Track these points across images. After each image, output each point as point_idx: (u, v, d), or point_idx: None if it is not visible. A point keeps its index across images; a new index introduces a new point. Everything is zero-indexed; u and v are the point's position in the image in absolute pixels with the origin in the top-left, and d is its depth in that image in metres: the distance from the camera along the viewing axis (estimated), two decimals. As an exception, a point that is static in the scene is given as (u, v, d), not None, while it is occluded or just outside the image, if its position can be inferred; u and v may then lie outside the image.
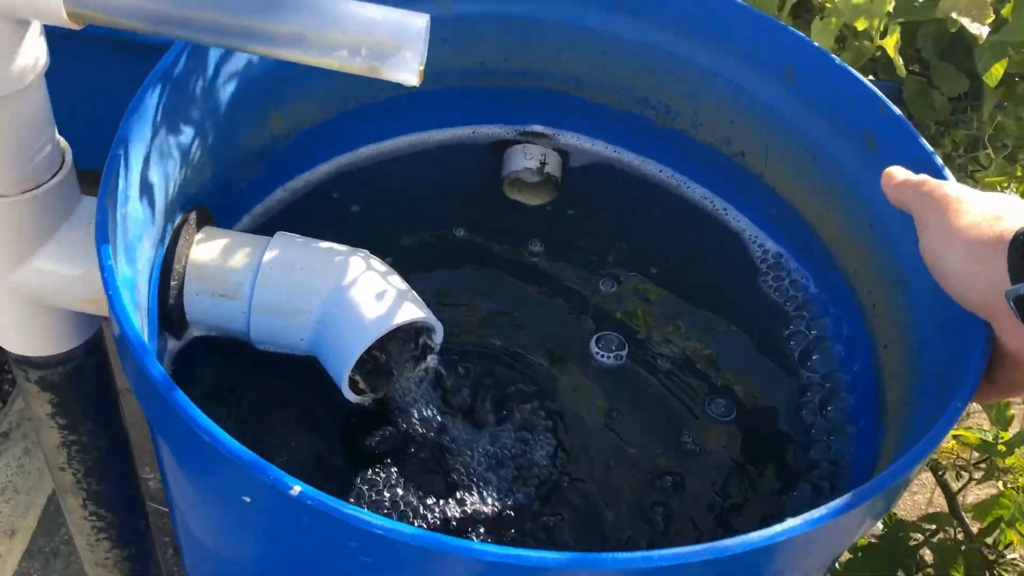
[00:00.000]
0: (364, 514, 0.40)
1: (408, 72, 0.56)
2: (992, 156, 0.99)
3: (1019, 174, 0.96)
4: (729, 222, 0.92)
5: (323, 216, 0.88)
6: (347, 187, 0.91)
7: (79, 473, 0.88)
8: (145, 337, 0.53)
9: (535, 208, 0.95)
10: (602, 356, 0.82)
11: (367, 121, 0.92)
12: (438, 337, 0.72)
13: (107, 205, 0.55)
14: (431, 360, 0.73)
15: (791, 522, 0.45)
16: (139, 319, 0.55)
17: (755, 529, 0.44)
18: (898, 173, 0.64)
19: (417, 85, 0.56)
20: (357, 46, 0.55)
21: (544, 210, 0.95)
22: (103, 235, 0.53)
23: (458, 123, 0.97)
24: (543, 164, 0.95)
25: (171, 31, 0.57)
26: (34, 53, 0.59)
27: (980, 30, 0.77)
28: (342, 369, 0.67)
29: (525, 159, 0.95)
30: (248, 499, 0.43)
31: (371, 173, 0.93)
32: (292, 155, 0.86)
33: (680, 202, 0.94)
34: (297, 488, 0.41)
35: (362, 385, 0.71)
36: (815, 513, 0.46)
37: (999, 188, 0.99)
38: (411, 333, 0.72)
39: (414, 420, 0.72)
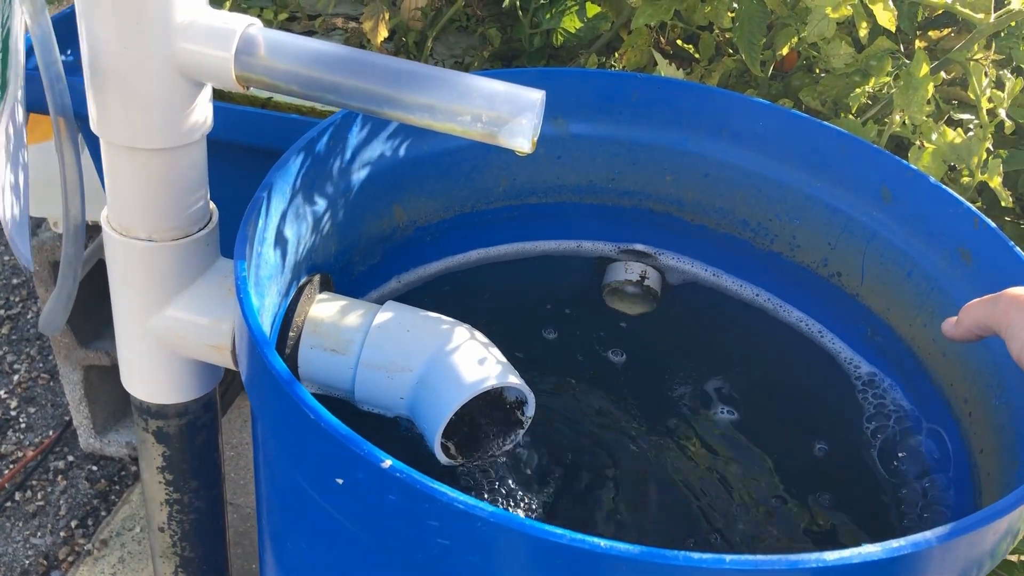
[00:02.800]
0: (447, 489, 0.42)
1: (522, 139, 0.62)
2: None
3: None
4: (825, 344, 0.93)
5: (431, 307, 0.94)
6: (456, 285, 0.97)
7: (176, 536, 0.92)
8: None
9: (631, 318, 0.98)
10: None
11: (480, 227, 0.99)
12: (530, 410, 0.75)
13: (247, 233, 0.61)
14: (520, 435, 0.76)
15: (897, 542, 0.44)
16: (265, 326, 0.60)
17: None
18: (959, 314, 0.63)
19: (530, 151, 0.62)
20: (479, 114, 0.62)
21: (641, 322, 0.98)
22: (241, 254, 0.59)
23: (564, 236, 1.03)
24: (643, 278, 0.99)
25: (323, 96, 0.65)
26: (204, 113, 0.69)
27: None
28: (436, 424, 0.70)
29: (626, 273, 0.99)
30: (341, 480, 0.46)
31: (479, 275, 0.99)
32: (409, 247, 0.93)
33: (776, 324, 0.96)
34: (388, 461, 0.43)
35: (453, 451, 0.74)
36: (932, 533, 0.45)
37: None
38: (504, 405, 0.75)
39: (498, 491, 0.74)
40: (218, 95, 1.04)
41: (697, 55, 1.16)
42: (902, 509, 0.79)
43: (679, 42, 1.20)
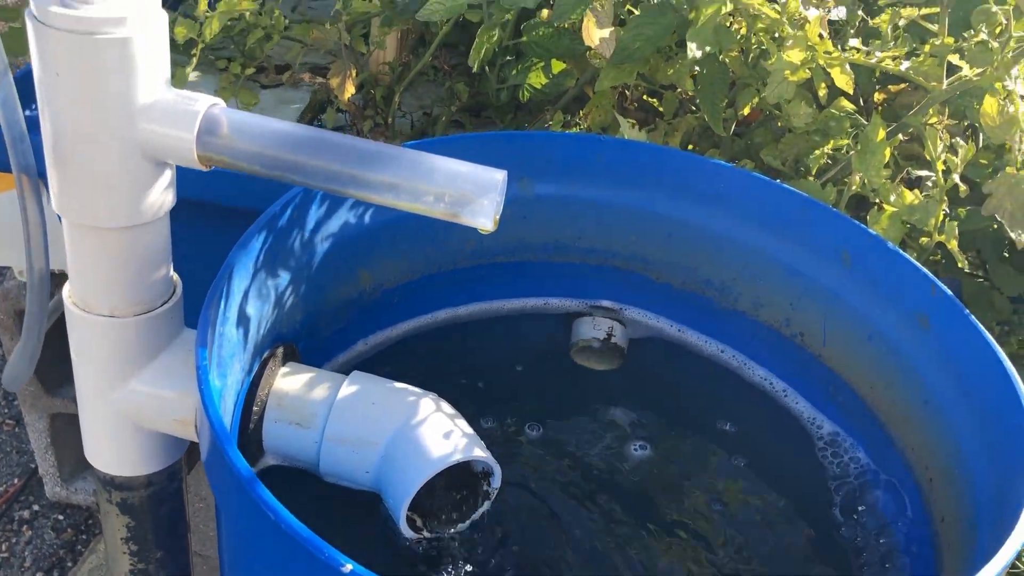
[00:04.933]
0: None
1: (484, 218, 0.63)
2: (1059, 358, 1.00)
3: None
4: (788, 403, 0.94)
5: (399, 370, 0.94)
6: (424, 346, 0.97)
7: (140, 605, 0.90)
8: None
9: (599, 374, 0.98)
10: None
11: (447, 287, 0.99)
12: (496, 481, 0.75)
13: (209, 319, 0.61)
14: (487, 505, 0.76)
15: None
16: (225, 418, 0.60)
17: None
18: None
19: (492, 230, 0.62)
20: (442, 194, 0.63)
21: (607, 377, 0.98)
22: (203, 341, 0.59)
23: (531, 294, 1.03)
24: (610, 335, 0.99)
25: (284, 176, 0.65)
26: (167, 191, 0.68)
27: (1020, 236, 0.81)
28: (402, 500, 0.70)
29: (593, 329, 1.00)
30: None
31: (447, 335, 0.99)
32: (376, 310, 0.93)
33: (740, 381, 0.97)
34: (349, 566, 0.43)
35: (419, 523, 0.74)
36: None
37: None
38: (471, 476, 0.75)
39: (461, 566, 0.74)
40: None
41: (661, 109, 1.17)
42: (863, 572, 0.79)
43: (644, 96, 1.22)
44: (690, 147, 1.16)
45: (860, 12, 1.01)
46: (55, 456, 1.54)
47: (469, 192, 0.63)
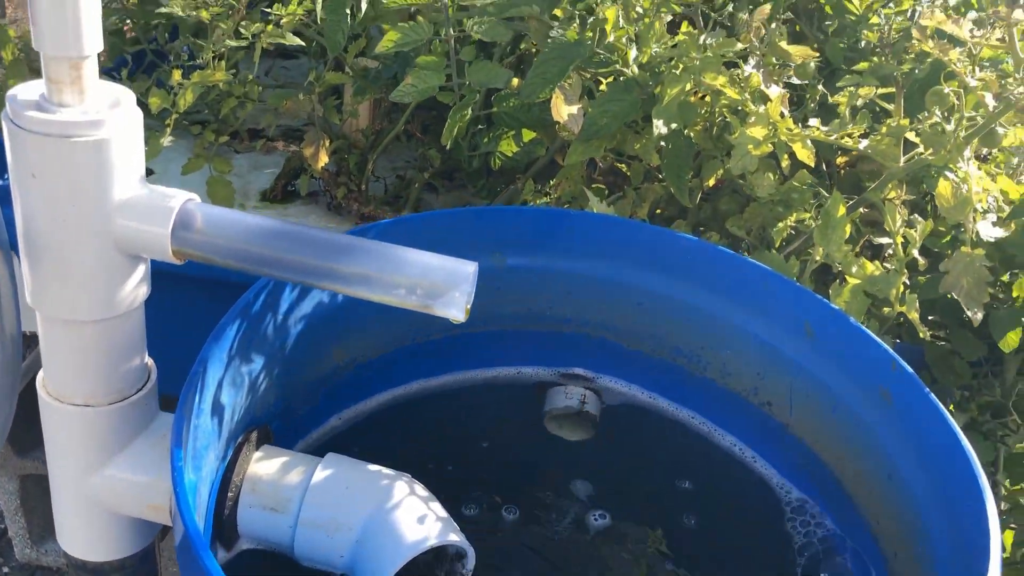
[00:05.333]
0: None
1: (456, 309, 0.64)
2: (1019, 422, 1.02)
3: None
4: (757, 469, 0.96)
5: (374, 444, 0.95)
6: (398, 418, 0.98)
7: None
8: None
9: (573, 444, 1.00)
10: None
11: (420, 358, 1.00)
12: (470, 563, 0.76)
13: (184, 415, 0.62)
14: (462, 586, 0.76)
15: None
16: (199, 519, 0.60)
17: None
18: None
19: (463, 320, 0.64)
20: (414, 286, 0.64)
21: (581, 447, 1.00)
22: (178, 440, 0.60)
23: (504, 363, 1.04)
24: (583, 404, 1.01)
25: (258, 269, 0.66)
26: (140, 284, 0.69)
27: (976, 314, 0.84)
28: (377, 586, 0.71)
29: (566, 398, 1.01)
30: None
31: (421, 406, 1.00)
32: (349, 385, 0.94)
33: (711, 447, 0.99)
34: None
35: (395, 606, 0.74)
36: None
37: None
38: (445, 559, 0.76)
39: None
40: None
41: (629, 173, 1.20)
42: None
43: (613, 163, 1.24)
44: (658, 211, 1.19)
45: (820, 87, 1.04)
46: (24, 518, 1.52)
47: (441, 284, 0.64)
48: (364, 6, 1.02)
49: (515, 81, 1.20)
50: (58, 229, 0.64)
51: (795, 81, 1.10)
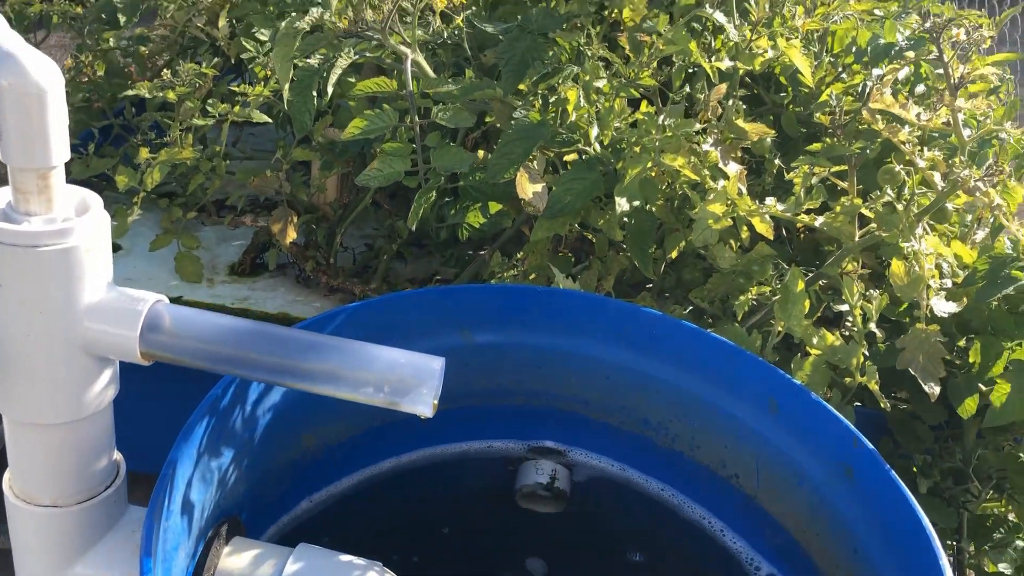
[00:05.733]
0: None
1: (424, 406, 0.65)
2: (980, 487, 1.04)
3: (1011, 515, 1.00)
4: (726, 542, 0.96)
5: (346, 525, 0.94)
6: (368, 498, 0.98)
7: None
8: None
9: (544, 518, 1.00)
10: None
11: (390, 437, 1.00)
12: (442, 651, 0.76)
13: (153, 520, 0.62)
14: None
15: None
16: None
17: None
18: None
19: (431, 416, 0.65)
20: (381, 384, 0.65)
21: (552, 520, 1.00)
22: (147, 548, 0.60)
23: (474, 437, 1.05)
24: (553, 479, 1.01)
25: (227, 370, 0.67)
26: (109, 386, 0.70)
27: (933, 389, 0.86)
28: None
29: (536, 474, 1.02)
30: None
31: (392, 485, 1.00)
32: (319, 468, 0.94)
33: (680, 520, 0.99)
34: None
35: None
36: None
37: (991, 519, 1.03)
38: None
39: None
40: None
41: (595, 242, 1.22)
42: None
43: (579, 232, 1.27)
44: (624, 277, 1.21)
45: (777, 160, 1.07)
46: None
47: (408, 380, 0.65)
48: (331, 90, 1.04)
49: (480, 153, 1.22)
50: (25, 335, 0.65)
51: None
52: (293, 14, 0.98)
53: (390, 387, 0.65)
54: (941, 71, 0.88)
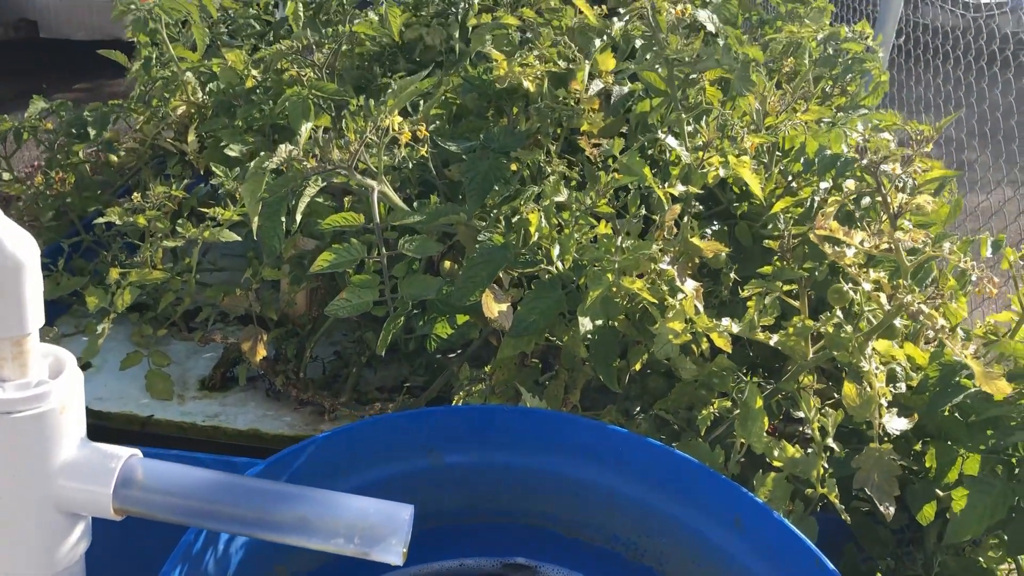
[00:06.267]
0: None
1: (394, 555, 0.67)
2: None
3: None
4: (700, 656, 0.97)
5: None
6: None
7: None
8: None
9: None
10: None
11: (363, 562, 1.00)
12: None
13: None
14: None
15: None
16: None
17: None
18: None
19: (401, 565, 0.66)
20: (352, 534, 0.67)
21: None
22: None
23: (447, 557, 1.06)
24: (525, 599, 1.02)
25: (199, 523, 0.68)
26: (81, 539, 0.70)
27: (888, 509, 0.88)
28: None
29: (508, 594, 1.03)
30: None
31: (365, 609, 1.00)
32: (292, 598, 0.94)
33: (653, 635, 1.00)
34: None
35: None
36: None
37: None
38: None
39: None
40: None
41: (561, 354, 1.24)
42: None
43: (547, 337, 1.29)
44: (591, 385, 1.23)
45: (732, 274, 1.11)
46: None
47: (377, 529, 0.67)
48: (299, 217, 1.07)
49: (448, 264, 1.25)
50: (-1, 496, 0.65)
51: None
52: (263, 153, 1.01)
53: (360, 537, 0.67)
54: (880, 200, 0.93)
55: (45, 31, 4.75)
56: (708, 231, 1.25)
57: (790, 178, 1.26)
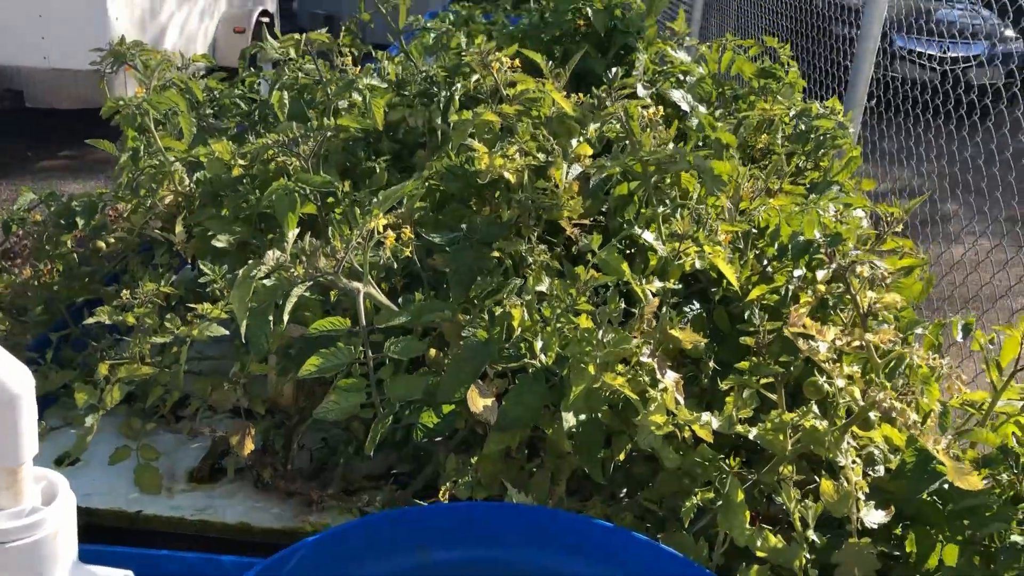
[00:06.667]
0: None
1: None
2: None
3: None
4: None
5: None
6: None
7: None
8: None
9: None
10: None
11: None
12: None
13: None
14: None
15: None
16: None
17: None
18: None
19: None
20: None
21: None
22: None
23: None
24: None
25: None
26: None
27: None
28: None
29: None
30: None
31: None
32: None
33: None
34: None
35: None
36: None
37: None
38: None
39: None
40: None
41: (546, 444, 1.26)
42: None
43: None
44: (577, 473, 1.24)
45: (711, 362, 1.14)
46: None
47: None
48: (286, 318, 1.09)
49: (432, 352, 1.27)
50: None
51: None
52: (251, 260, 1.04)
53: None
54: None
55: (31, 101, 4.81)
56: (688, 312, 1.28)
57: (765, 262, 1.29)
